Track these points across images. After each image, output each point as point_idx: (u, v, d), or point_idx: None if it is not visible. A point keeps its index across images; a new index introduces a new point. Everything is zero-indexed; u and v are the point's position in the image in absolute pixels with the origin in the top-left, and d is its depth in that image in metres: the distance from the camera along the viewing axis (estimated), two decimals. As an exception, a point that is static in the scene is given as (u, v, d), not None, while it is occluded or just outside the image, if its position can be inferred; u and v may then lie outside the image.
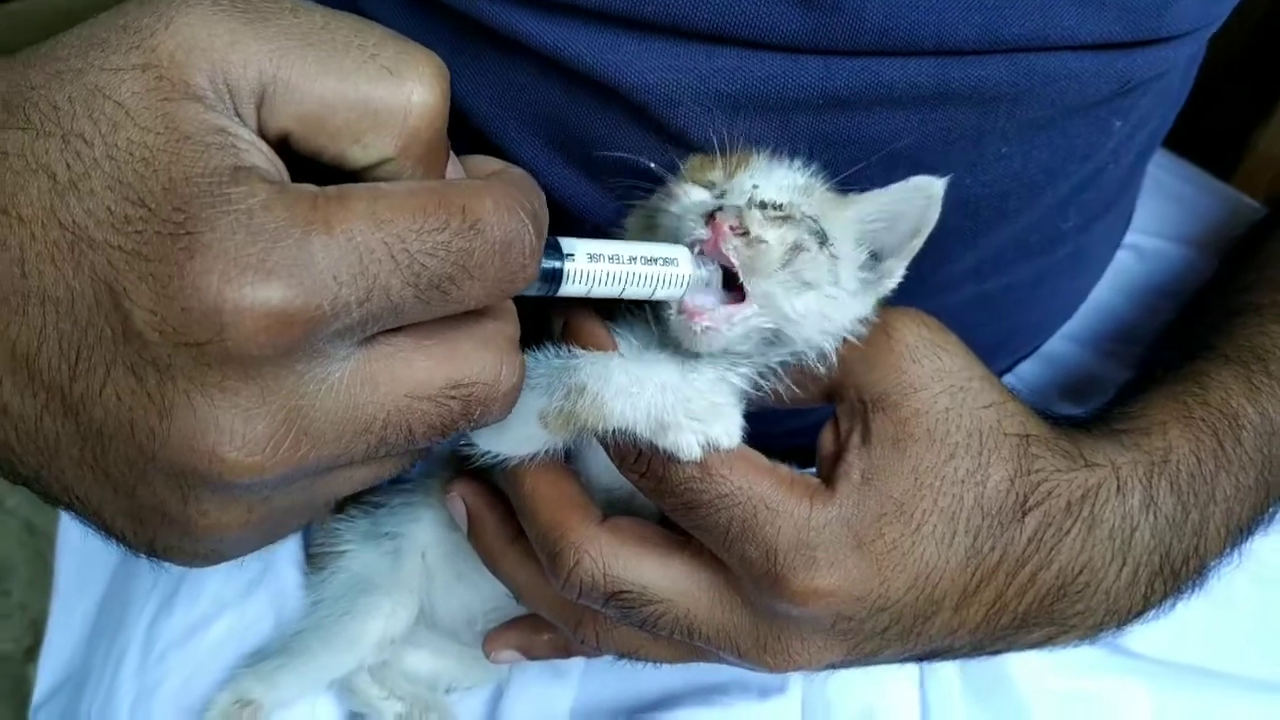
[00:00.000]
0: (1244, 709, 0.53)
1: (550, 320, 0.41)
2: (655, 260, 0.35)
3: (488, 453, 0.39)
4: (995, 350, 0.42)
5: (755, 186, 0.39)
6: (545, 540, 0.39)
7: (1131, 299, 0.67)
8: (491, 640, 0.48)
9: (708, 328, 0.36)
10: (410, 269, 0.27)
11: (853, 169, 0.41)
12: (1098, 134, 0.49)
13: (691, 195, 0.39)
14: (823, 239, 0.38)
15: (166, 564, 0.32)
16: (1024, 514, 0.39)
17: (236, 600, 0.56)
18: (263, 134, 0.28)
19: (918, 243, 0.41)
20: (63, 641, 0.62)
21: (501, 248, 0.29)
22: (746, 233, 0.36)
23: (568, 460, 0.42)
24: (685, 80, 0.42)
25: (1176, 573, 0.41)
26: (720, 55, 0.41)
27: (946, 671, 0.54)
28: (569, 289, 0.34)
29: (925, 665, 0.54)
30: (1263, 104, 0.91)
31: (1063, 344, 0.66)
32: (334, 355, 0.28)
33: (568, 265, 0.34)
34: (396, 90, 0.28)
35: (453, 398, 0.30)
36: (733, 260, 0.36)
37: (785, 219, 0.37)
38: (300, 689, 0.52)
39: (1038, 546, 0.39)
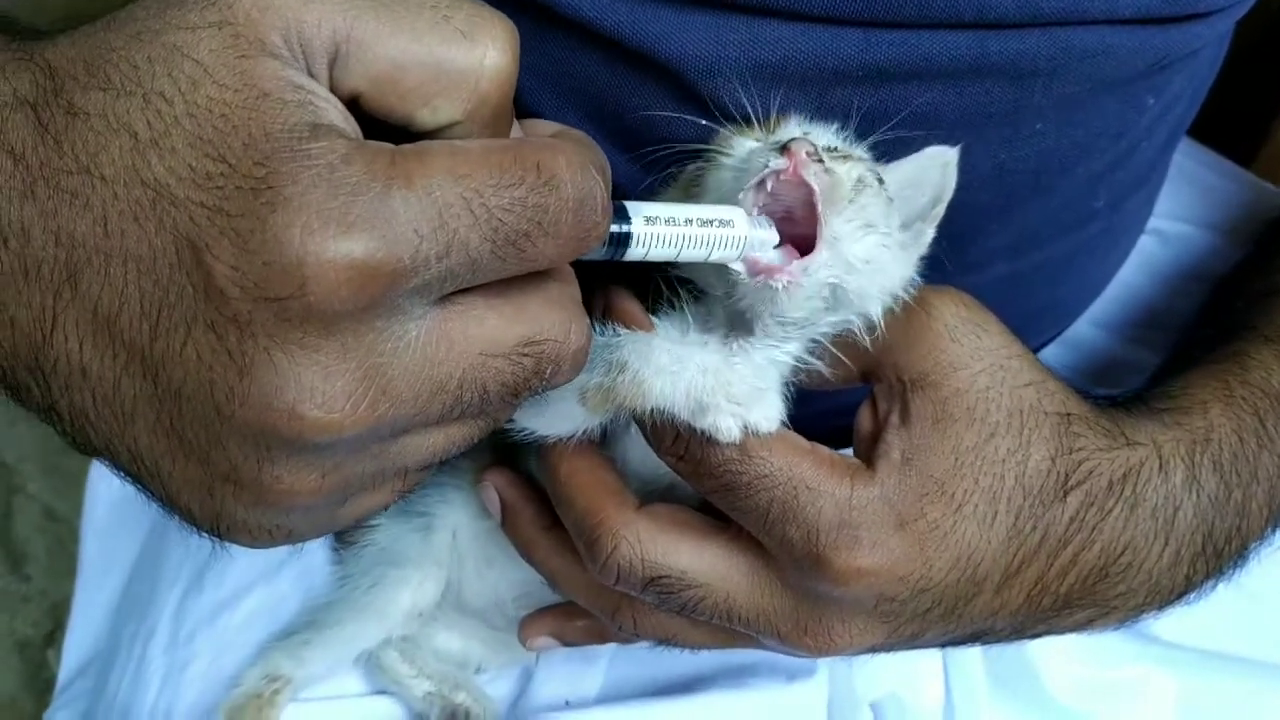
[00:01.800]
0: (1269, 696, 0.53)
1: (592, 302, 0.41)
2: (711, 222, 0.35)
3: (525, 430, 0.39)
4: (1024, 330, 0.41)
5: (806, 134, 0.39)
6: (582, 526, 0.39)
7: (1156, 283, 0.67)
8: (526, 626, 0.48)
9: (789, 283, 0.35)
10: (489, 224, 0.27)
11: (889, 144, 0.40)
12: (1131, 111, 0.49)
13: (746, 145, 0.39)
14: (879, 178, 0.38)
15: (229, 543, 0.32)
16: (1066, 493, 0.38)
17: (265, 578, 0.56)
18: (334, 93, 0.28)
19: (940, 209, 0.41)
20: (87, 623, 0.62)
21: (575, 204, 0.29)
22: (821, 160, 0.36)
23: (605, 450, 0.41)
24: (724, 51, 0.41)
25: (1219, 553, 0.41)
26: (760, 26, 0.41)
27: (971, 659, 0.53)
28: (629, 253, 0.34)
29: (949, 653, 0.54)
30: (1282, 93, 0.90)
31: (1087, 329, 0.66)
32: (411, 313, 0.28)
33: (627, 228, 0.33)
34: (469, 53, 0.28)
35: (525, 355, 0.30)
36: (814, 185, 0.35)
37: (846, 157, 0.37)
38: (328, 663, 0.52)
39: (1080, 526, 0.38)
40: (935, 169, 0.41)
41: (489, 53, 0.29)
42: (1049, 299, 0.59)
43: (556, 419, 0.39)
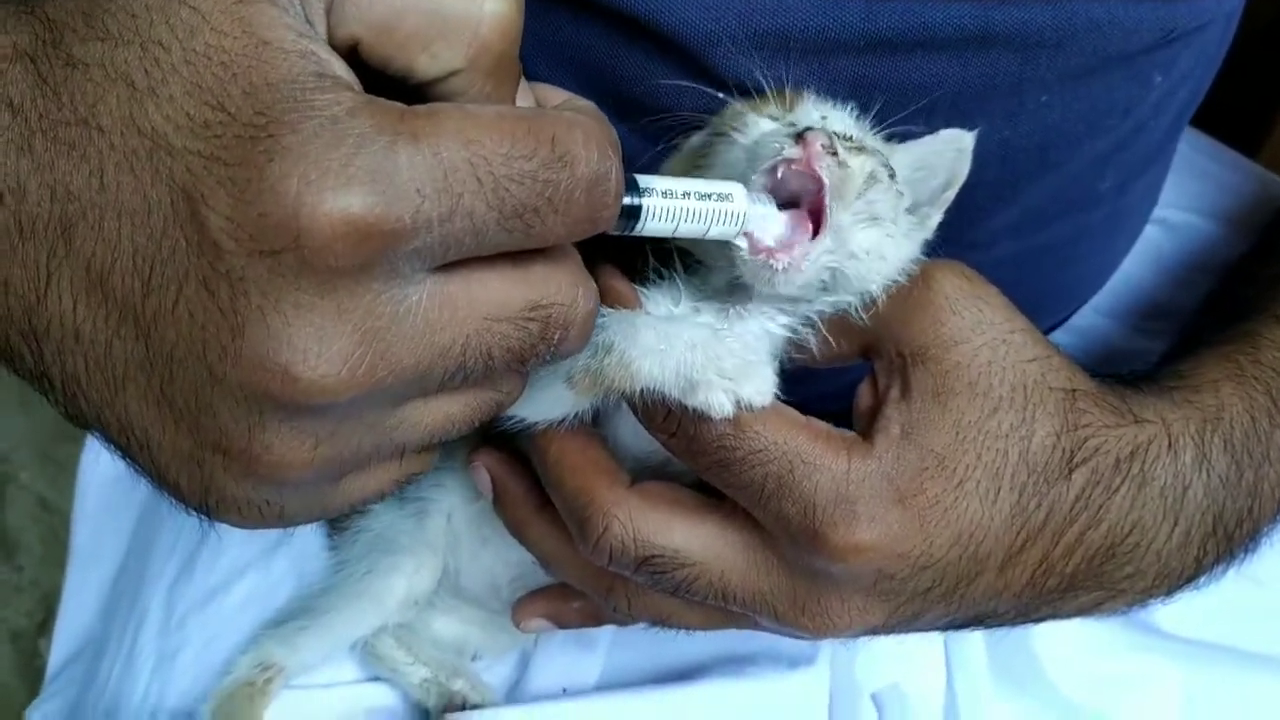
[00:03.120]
0: (1275, 689, 0.52)
1: None
2: (710, 196, 0.34)
3: (513, 418, 0.38)
4: (1028, 313, 0.41)
5: (824, 118, 0.38)
6: (572, 506, 0.38)
7: (1160, 273, 0.66)
8: (520, 609, 0.47)
9: (789, 265, 0.35)
10: (495, 193, 0.27)
11: (892, 116, 0.40)
12: (1138, 87, 0.49)
13: (761, 125, 0.38)
14: (891, 173, 0.37)
15: (219, 522, 0.31)
16: (1071, 470, 0.37)
17: (257, 562, 0.55)
18: (331, 42, 0.28)
19: (950, 194, 0.40)
20: (77, 610, 0.62)
21: (589, 184, 0.28)
22: (835, 153, 0.35)
23: (596, 428, 0.41)
24: (725, 21, 0.41)
25: (1230, 535, 0.40)
26: None
27: (973, 650, 0.53)
28: (637, 227, 0.33)
29: (951, 644, 0.53)
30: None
31: (1091, 317, 0.65)
32: (411, 277, 0.27)
33: (638, 201, 0.33)
34: None
35: (531, 319, 0.30)
36: (825, 179, 0.35)
37: (860, 149, 0.37)
38: (322, 651, 0.52)
39: (1085, 504, 0.38)
40: (950, 153, 0.40)
41: None
42: (1054, 282, 0.59)
43: (545, 404, 0.38)
